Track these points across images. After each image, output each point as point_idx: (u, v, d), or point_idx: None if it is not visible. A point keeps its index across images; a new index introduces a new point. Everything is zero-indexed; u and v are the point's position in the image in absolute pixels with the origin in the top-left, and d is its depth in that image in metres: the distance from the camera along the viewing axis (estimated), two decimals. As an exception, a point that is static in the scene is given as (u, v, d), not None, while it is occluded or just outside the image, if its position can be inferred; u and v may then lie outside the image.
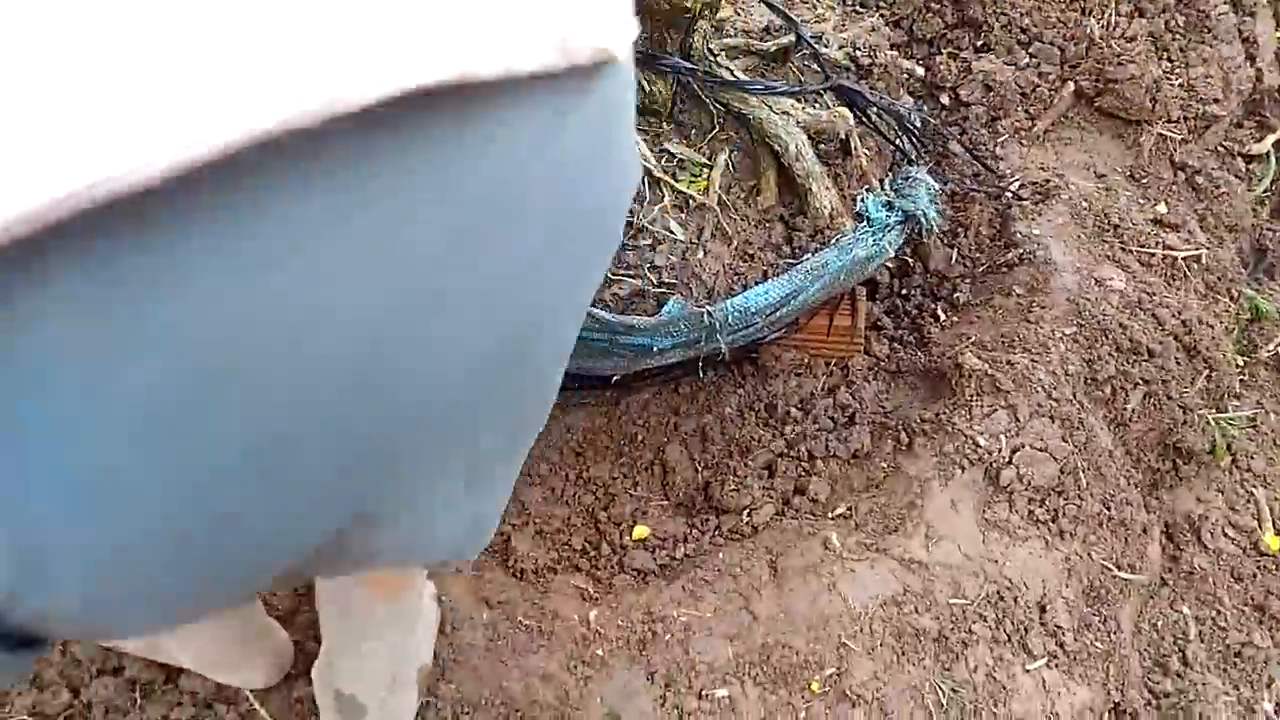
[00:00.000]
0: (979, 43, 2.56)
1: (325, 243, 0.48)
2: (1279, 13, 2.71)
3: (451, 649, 1.46)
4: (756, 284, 1.83)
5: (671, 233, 1.82)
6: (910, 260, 2.33)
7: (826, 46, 2.10)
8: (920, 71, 2.25)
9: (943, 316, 2.23)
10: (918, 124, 2.12)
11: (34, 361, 0.43)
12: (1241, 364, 2.31)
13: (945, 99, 2.53)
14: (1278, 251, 2.55)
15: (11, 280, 0.41)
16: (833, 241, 1.88)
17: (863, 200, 1.94)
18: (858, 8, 2.40)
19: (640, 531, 1.83)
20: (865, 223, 1.93)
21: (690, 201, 1.85)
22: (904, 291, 2.31)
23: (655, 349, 1.79)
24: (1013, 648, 1.62)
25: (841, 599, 1.62)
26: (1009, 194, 2.31)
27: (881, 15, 2.52)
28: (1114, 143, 2.48)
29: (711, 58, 1.86)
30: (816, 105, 2.00)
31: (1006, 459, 1.84)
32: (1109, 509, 1.86)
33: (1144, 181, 2.43)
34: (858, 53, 2.10)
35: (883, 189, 2.02)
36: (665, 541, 1.82)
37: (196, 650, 1.30)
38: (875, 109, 1.98)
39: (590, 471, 1.93)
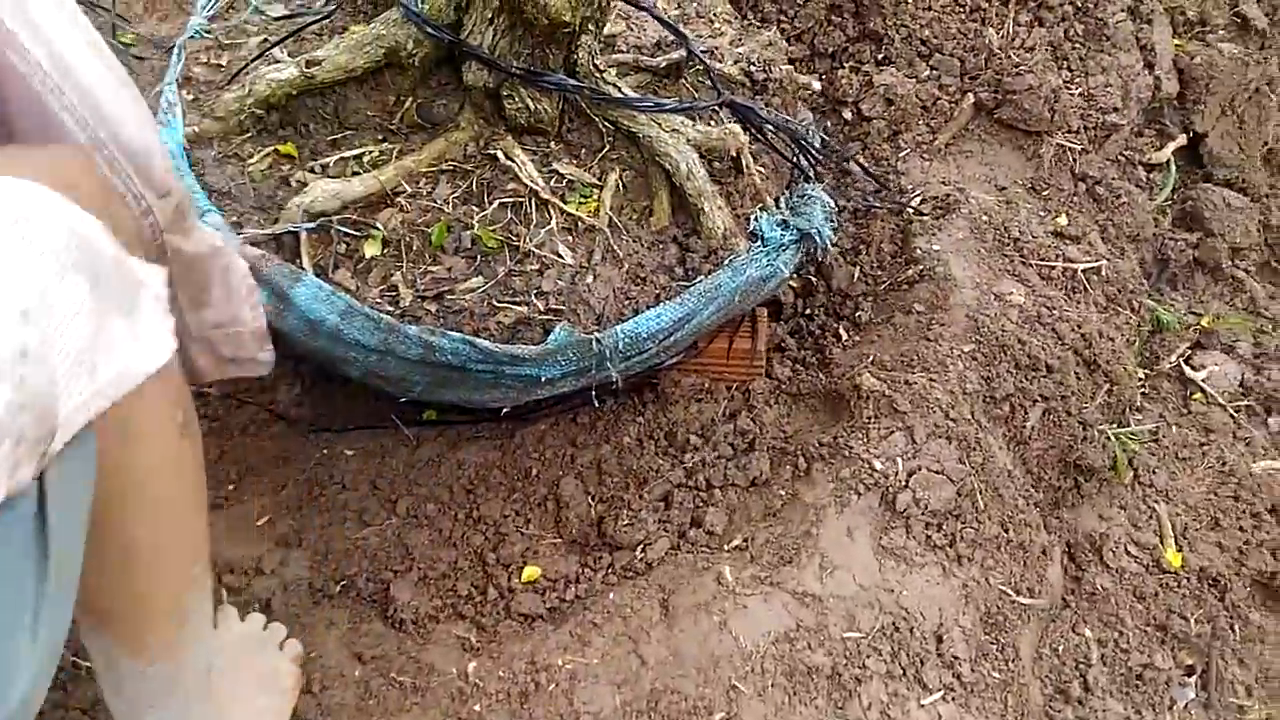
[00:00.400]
0: (880, 56, 2.54)
1: None
2: (1176, 20, 2.73)
3: (319, 709, 1.38)
4: (648, 308, 1.78)
5: (559, 256, 1.76)
6: (814, 279, 2.30)
7: (720, 61, 2.05)
8: (816, 86, 2.21)
9: (845, 336, 2.19)
10: (814, 141, 2.09)
11: None
12: (1143, 377, 2.31)
13: (847, 113, 2.50)
14: (1179, 261, 2.57)
15: None
16: (726, 262, 1.83)
17: (756, 219, 1.90)
18: (755, 22, 2.36)
19: (530, 573, 1.76)
20: (759, 242, 1.89)
21: (579, 224, 1.79)
22: (808, 311, 2.28)
23: (544, 379, 1.73)
24: (908, 682, 1.58)
25: (733, 637, 1.57)
26: (909, 209, 2.29)
27: (781, 29, 2.49)
28: (1014, 154, 2.47)
29: (598, 74, 1.80)
30: (709, 122, 1.95)
31: (903, 482, 1.80)
32: (1008, 531, 1.83)
33: (1045, 193, 2.43)
34: (753, 68, 2.06)
35: (778, 207, 1.98)
36: (556, 583, 1.75)
37: None
38: (769, 126, 1.94)
39: (481, 510, 1.86)
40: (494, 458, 1.96)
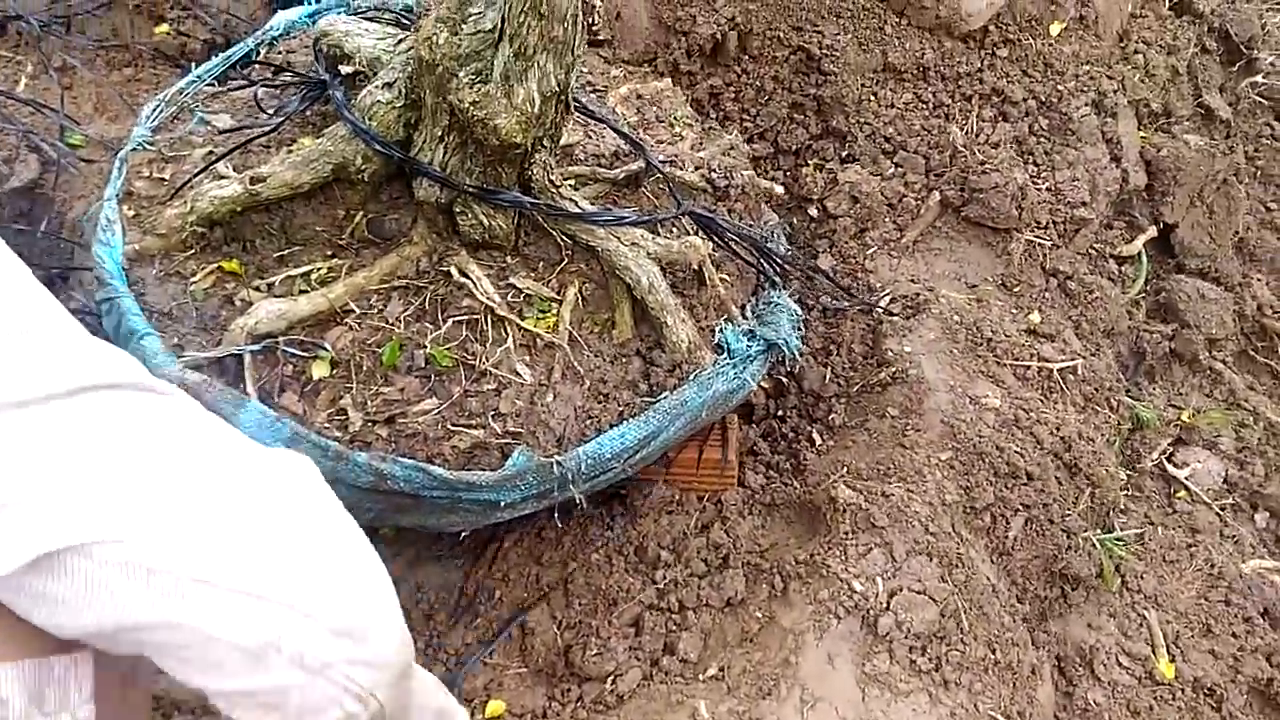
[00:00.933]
0: (844, 153, 2.51)
1: None
2: (1141, 112, 2.73)
3: None
4: (612, 427, 1.70)
5: (517, 375, 1.69)
6: (785, 380, 2.24)
7: (681, 169, 2.01)
8: (779, 190, 2.18)
9: (819, 440, 2.12)
10: (778, 246, 2.04)
11: None
12: (1125, 477, 2.24)
13: (813, 210, 2.47)
14: (1156, 354, 2.53)
15: None
16: (692, 377, 1.76)
17: (722, 331, 1.84)
18: (717, 123, 2.34)
19: (495, 708, 1.66)
20: (725, 354, 1.82)
21: (538, 340, 1.72)
22: (780, 413, 2.21)
23: (503, 503, 1.64)
24: (896, 828, 1.48)
25: (708, 786, 1.47)
26: (879, 310, 2.24)
27: (744, 128, 2.47)
28: (983, 251, 2.44)
29: (554, 189, 1.75)
30: (670, 231, 1.90)
31: (884, 604, 1.72)
32: (995, 651, 1.74)
33: (1016, 290, 2.39)
34: (714, 174, 2.02)
35: (744, 316, 1.92)
36: (522, 718, 1.65)
37: None
38: (732, 235, 1.89)
39: (442, 639, 1.76)
40: (455, 579, 1.87)
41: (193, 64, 2.60)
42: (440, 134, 1.64)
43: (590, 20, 1.49)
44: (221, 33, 2.60)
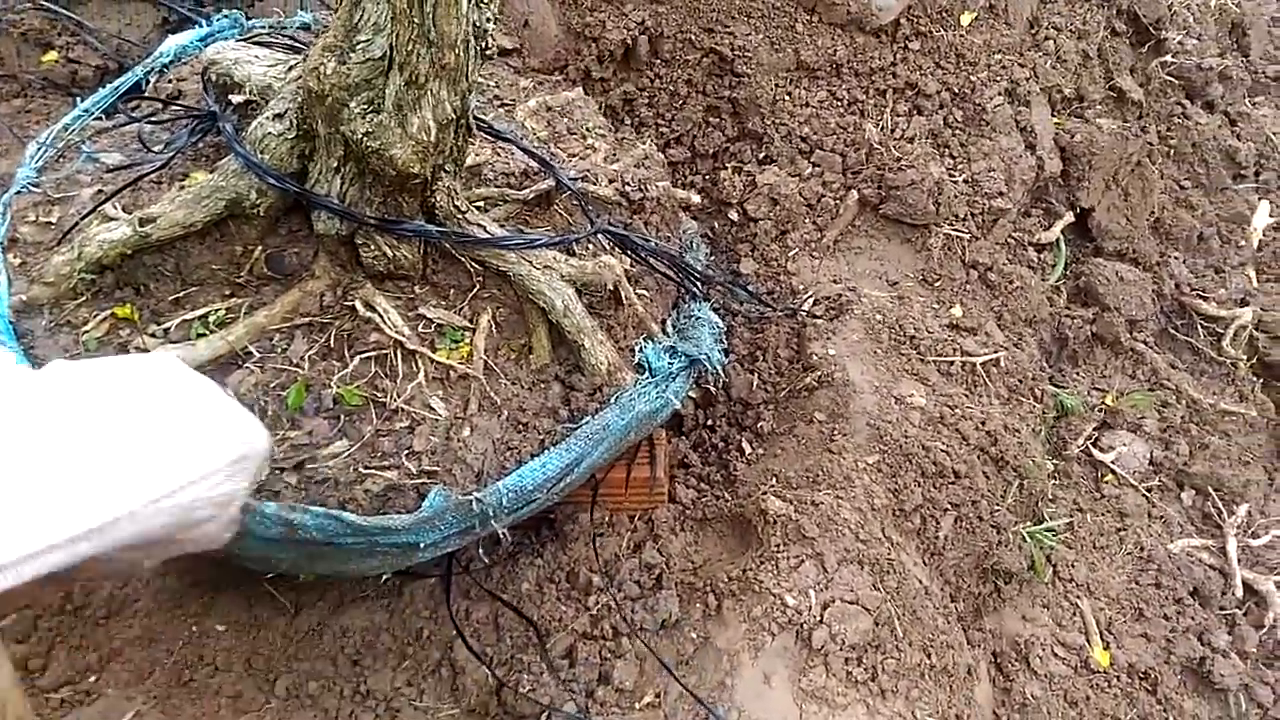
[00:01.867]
0: (761, 155, 2.49)
1: None
2: (1054, 99, 2.74)
3: None
4: (533, 457, 1.66)
5: (431, 410, 1.64)
6: (714, 389, 2.21)
7: (595, 184, 1.97)
8: (696, 199, 2.15)
9: (749, 449, 2.10)
10: (698, 256, 2.01)
11: None
12: (1052, 466, 2.26)
13: (733, 214, 2.44)
14: (1078, 339, 2.54)
15: None
16: (613, 399, 1.73)
17: (642, 350, 1.80)
18: (631, 130, 2.30)
19: (425, 753, 1.61)
20: (647, 373, 1.79)
21: (451, 372, 1.68)
22: (709, 423, 2.19)
23: (423, 545, 1.59)
24: None
25: (646, 822, 1.44)
26: (802, 313, 2.22)
27: (659, 133, 2.43)
28: (903, 248, 2.43)
29: (460, 214, 1.69)
30: (585, 248, 1.86)
31: (818, 617, 1.70)
32: (930, 656, 1.74)
33: (937, 285, 2.39)
34: (629, 187, 1.98)
35: (665, 331, 1.89)
36: (454, 762, 1.61)
37: None
38: (647, 251, 1.86)
39: (369, 683, 1.71)
40: (381, 620, 1.81)
41: (84, 91, 2.51)
42: (336, 165, 1.58)
43: (484, 45, 1.44)
44: (114, 58, 2.50)
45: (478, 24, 1.40)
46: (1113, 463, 2.36)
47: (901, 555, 1.84)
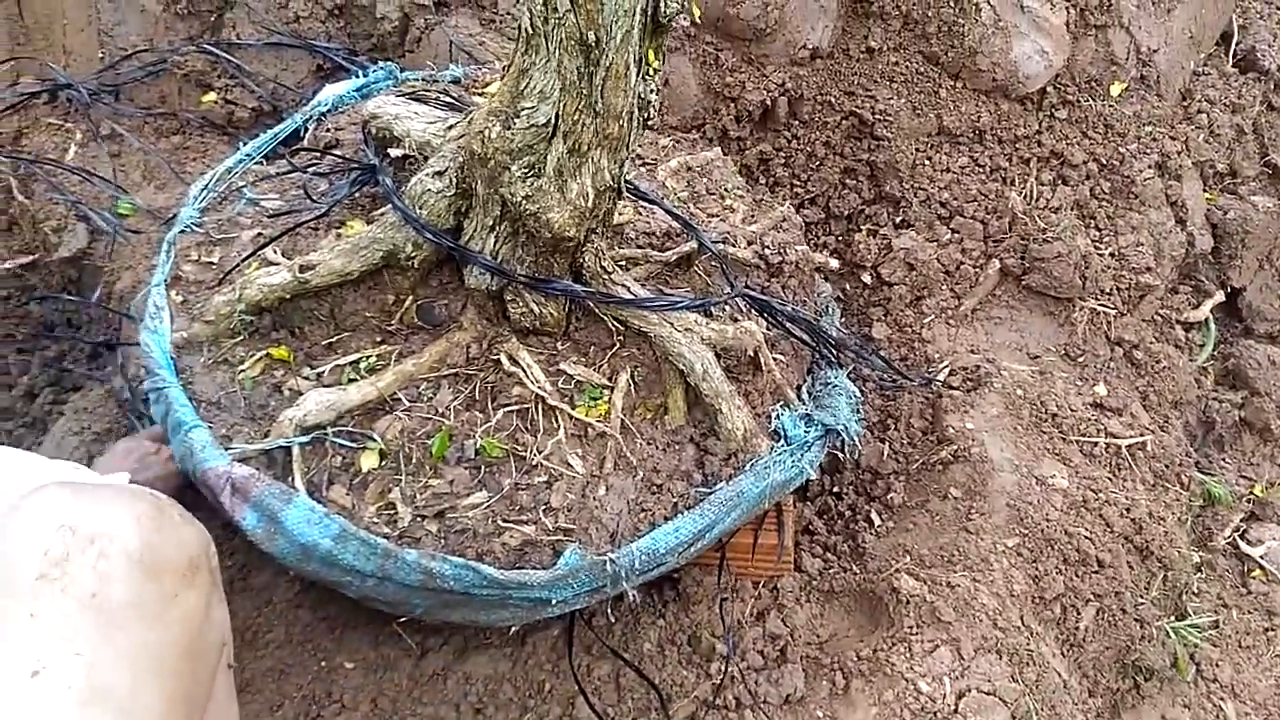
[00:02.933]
0: (898, 219, 2.46)
1: None
2: (1206, 173, 2.65)
3: None
4: (666, 520, 1.64)
5: (569, 466, 1.64)
6: (841, 455, 2.17)
7: (734, 245, 1.96)
8: (834, 264, 2.12)
9: (878, 521, 2.05)
10: (834, 320, 1.99)
11: None
12: (1198, 559, 2.15)
13: (866, 277, 2.41)
14: (1225, 423, 2.43)
15: None
16: (748, 466, 1.71)
17: (778, 417, 1.78)
18: (767, 190, 2.29)
19: (543, 814, 1.60)
20: (782, 441, 1.76)
21: (589, 430, 1.68)
22: (836, 490, 2.15)
23: (554, 600, 1.59)
24: None
25: None
26: (937, 383, 2.17)
27: (794, 193, 2.42)
28: (1045, 320, 2.36)
29: (606, 275, 1.71)
30: (725, 310, 1.85)
31: (952, 706, 1.64)
32: (1069, 756, 1.66)
33: (1080, 360, 2.31)
34: (767, 250, 1.97)
35: (800, 398, 1.87)
36: (572, 826, 1.59)
37: None
38: (784, 316, 1.84)
39: (491, 735, 1.70)
40: (504, 669, 1.81)
41: (239, 132, 2.62)
42: (491, 224, 1.61)
43: (646, 115, 1.45)
44: (269, 101, 2.61)
45: (643, 95, 1.42)
46: (1261, 557, 2.24)
47: (1041, 646, 1.77)
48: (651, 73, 1.42)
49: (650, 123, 1.46)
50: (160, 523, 1.15)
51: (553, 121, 1.42)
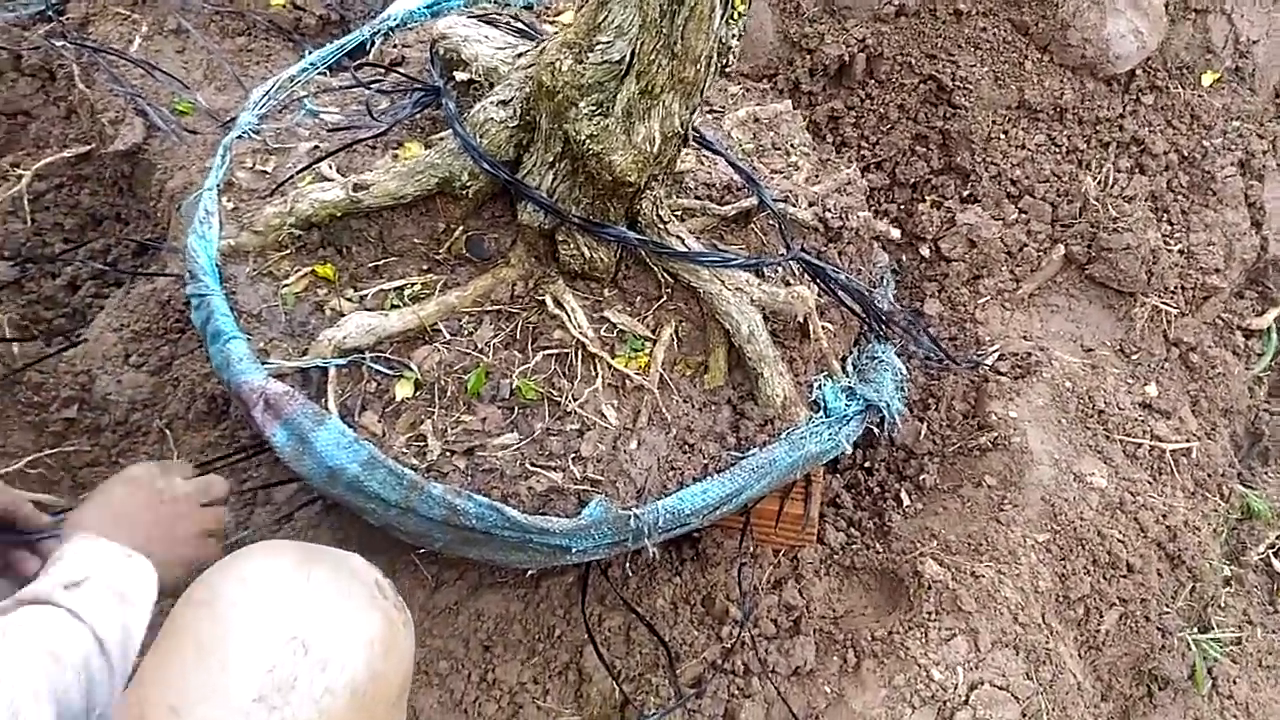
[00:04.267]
0: (965, 192, 2.38)
1: None
2: (1288, 175, 2.54)
3: None
4: (695, 481, 1.62)
5: (603, 417, 1.62)
6: (876, 429, 2.13)
7: (795, 205, 1.91)
8: (895, 234, 2.06)
9: (907, 501, 2.02)
10: (887, 295, 1.93)
11: None
12: (1228, 572, 2.10)
13: (925, 250, 2.35)
14: (1274, 436, 2.36)
15: None
16: (783, 434, 1.68)
17: (820, 388, 1.75)
18: (833, 149, 2.22)
19: (544, 756, 1.61)
20: (821, 412, 1.73)
21: (627, 381, 1.65)
22: (867, 464, 2.11)
23: (574, 550, 1.58)
24: None
25: None
26: (985, 367, 2.12)
27: (861, 155, 2.35)
28: (1104, 313, 2.29)
29: (661, 225, 1.66)
30: (777, 274, 1.81)
31: (963, 698, 1.63)
32: (1075, 759, 1.65)
33: (1134, 357, 2.24)
34: (828, 214, 1.91)
35: (845, 370, 1.83)
36: (570, 771, 1.60)
37: None
38: (837, 285, 1.79)
39: (497, 672, 1.71)
40: (516, 610, 1.82)
41: (305, 39, 2.58)
42: (551, 160, 1.57)
43: (725, 61, 1.39)
44: (338, 10, 2.56)
45: (724, 40, 1.36)
46: (1294, 578, 2.19)
47: (1059, 646, 1.74)
48: (736, 16, 1.36)
49: (728, 69, 1.40)
50: (390, 644, 1.06)
51: (627, 59, 1.37)
